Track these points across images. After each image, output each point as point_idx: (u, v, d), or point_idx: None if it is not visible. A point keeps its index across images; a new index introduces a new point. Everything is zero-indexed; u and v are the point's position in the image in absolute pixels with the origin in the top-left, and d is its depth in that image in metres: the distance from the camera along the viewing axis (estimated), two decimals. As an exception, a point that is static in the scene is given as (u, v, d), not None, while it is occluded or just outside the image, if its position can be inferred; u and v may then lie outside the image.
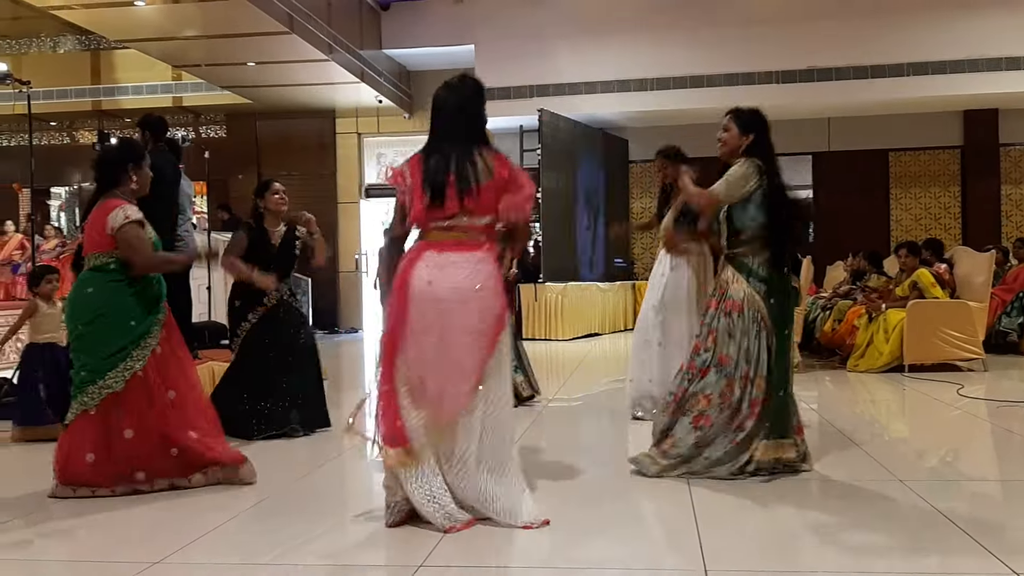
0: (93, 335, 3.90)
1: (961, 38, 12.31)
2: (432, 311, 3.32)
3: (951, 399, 6.44)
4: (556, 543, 3.20)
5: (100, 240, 3.97)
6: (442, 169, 3.38)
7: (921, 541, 3.22)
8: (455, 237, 3.39)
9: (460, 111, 3.49)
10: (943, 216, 14.23)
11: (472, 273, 3.36)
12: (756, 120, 4.12)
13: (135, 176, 4.09)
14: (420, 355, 3.34)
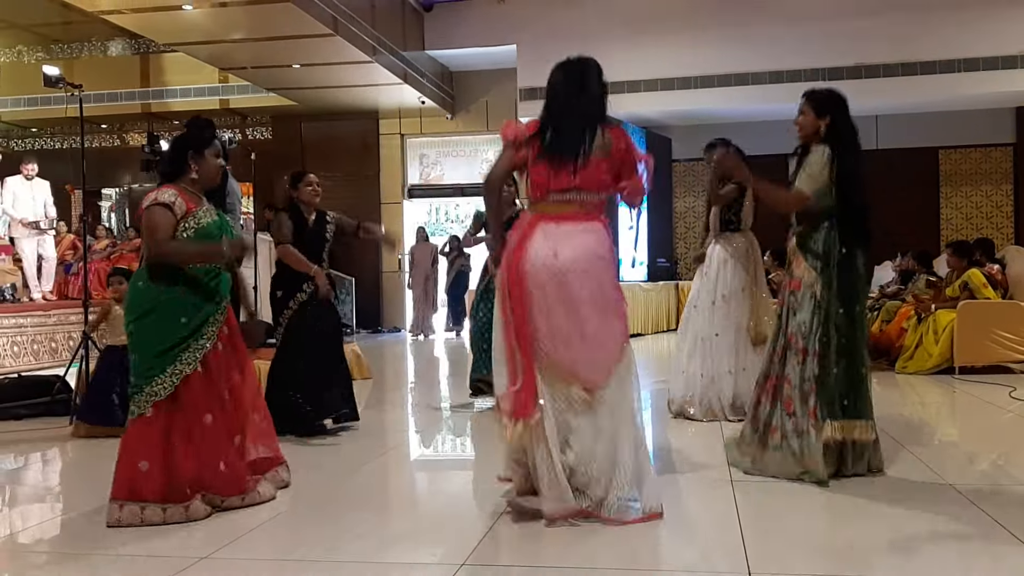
0: (141, 332, 3.60)
1: (1014, 33, 12.03)
2: (555, 282, 3.32)
3: (1003, 402, 6.30)
4: (595, 543, 3.19)
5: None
6: (563, 142, 3.40)
7: (970, 546, 3.16)
8: (572, 209, 3.41)
9: (581, 89, 3.52)
10: (995, 215, 13.93)
11: (596, 242, 3.39)
12: (832, 100, 4.08)
13: (195, 165, 3.74)
14: (551, 328, 3.33)
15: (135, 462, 3.49)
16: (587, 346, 3.33)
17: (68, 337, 9.39)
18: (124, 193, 17.24)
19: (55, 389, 6.51)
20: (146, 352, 3.57)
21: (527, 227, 3.43)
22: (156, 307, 3.59)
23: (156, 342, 3.56)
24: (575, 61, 3.61)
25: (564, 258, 3.33)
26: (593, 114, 3.49)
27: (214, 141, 3.86)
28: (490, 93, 15.15)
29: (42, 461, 5.27)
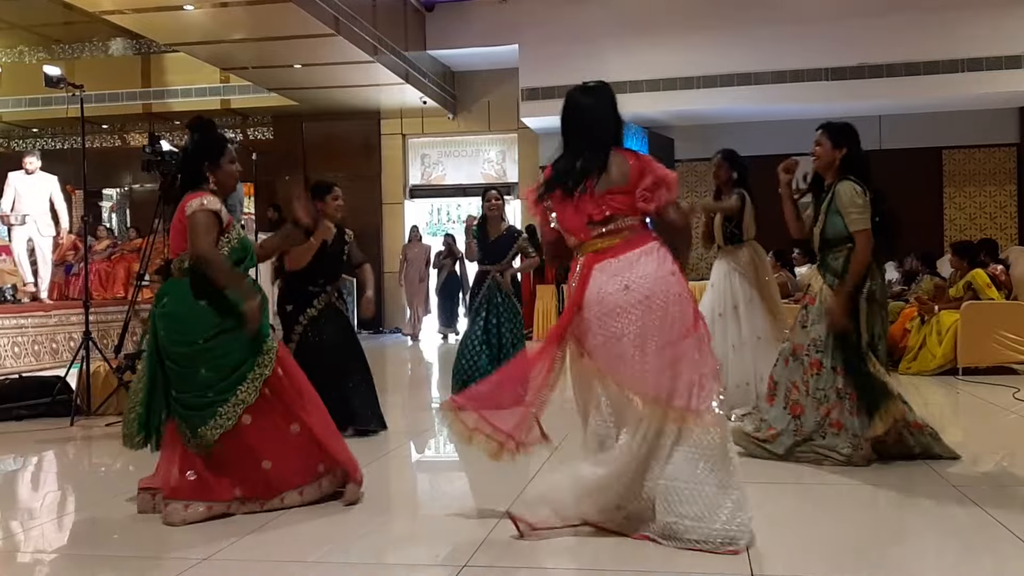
0: (216, 349, 3.54)
1: (1017, 33, 12.00)
2: (642, 311, 3.13)
3: (1007, 403, 6.28)
4: (597, 545, 3.17)
5: (181, 239, 3.66)
6: (581, 176, 3.26)
7: (974, 547, 3.15)
8: (623, 238, 3.25)
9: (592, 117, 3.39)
10: (999, 215, 13.90)
11: (661, 261, 3.21)
12: (847, 133, 4.41)
13: (212, 176, 3.73)
14: (642, 367, 3.13)
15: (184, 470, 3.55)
16: (684, 369, 3.12)
17: (69, 338, 9.38)
18: (125, 193, 17.24)
19: (56, 390, 6.49)
20: (224, 368, 3.54)
21: (585, 272, 3.25)
22: (231, 323, 3.56)
23: (235, 355, 3.57)
24: (585, 86, 3.48)
25: (639, 287, 3.15)
26: (603, 140, 3.34)
27: (227, 146, 3.83)
28: (492, 93, 15.13)
29: (42, 462, 5.25)
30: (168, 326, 3.59)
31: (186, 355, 3.55)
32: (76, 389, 6.40)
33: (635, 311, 3.14)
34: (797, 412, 4.33)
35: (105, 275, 12.50)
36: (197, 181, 3.72)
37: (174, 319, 3.59)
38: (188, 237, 3.58)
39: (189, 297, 3.58)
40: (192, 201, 3.61)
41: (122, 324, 6.96)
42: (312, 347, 5.20)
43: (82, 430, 5.95)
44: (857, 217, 4.22)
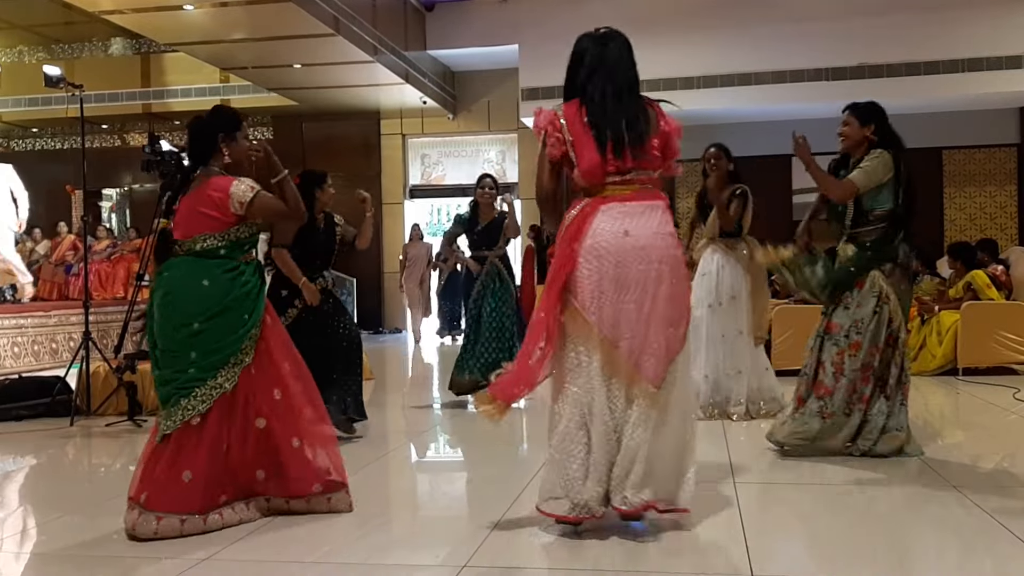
0: (213, 331, 3.42)
1: (1018, 33, 11.98)
2: (634, 261, 3.09)
3: (1007, 403, 6.28)
4: (598, 545, 3.16)
5: (208, 221, 3.47)
6: (615, 121, 3.20)
7: (974, 548, 3.15)
8: (634, 189, 3.20)
9: (619, 62, 3.33)
10: (999, 215, 13.89)
11: (663, 220, 3.19)
12: (874, 110, 4.42)
13: (226, 148, 3.58)
14: (616, 314, 3.09)
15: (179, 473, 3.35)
16: (656, 332, 3.10)
17: (69, 338, 9.38)
18: (125, 194, 17.24)
19: (56, 390, 6.49)
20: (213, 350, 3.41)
21: (587, 211, 3.18)
22: (232, 304, 3.46)
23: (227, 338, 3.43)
24: (606, 32, 3.43)
25: (637, 235, 3.11)
26: (636, 86, 3.30)
27: (242, 122, 3.69)
28: (492, 93, 15.13)
29: (41, 462, 5.24)
30: (166, 304, 3.46)
31: (181, 338, 3.42)
32: (76, 389, 6.40)
33: (630, 258, 3.10)
34: (821, 393, 4.39)
35: (105, 275, 12.51)
36: (209, 154, 3.58)
37: (174, 299, 3.45)
38: (271, 215, 3.58)
39: (193, 276, 3.45)
40: (237, 185, 3.47)
41: (122, 324, 6.94)
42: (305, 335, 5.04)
43: (82, 430, 5.95)
44: (860, 174, 4.26)
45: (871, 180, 4.25)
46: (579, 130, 3.23)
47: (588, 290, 3.12)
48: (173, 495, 3.32)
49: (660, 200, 3.23)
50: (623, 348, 3.10)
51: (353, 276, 14.00)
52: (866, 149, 4.37)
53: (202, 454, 3.38)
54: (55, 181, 15.86)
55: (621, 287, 3.10)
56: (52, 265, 13.37)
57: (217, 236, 3.48)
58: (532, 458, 4.72)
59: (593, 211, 3.17)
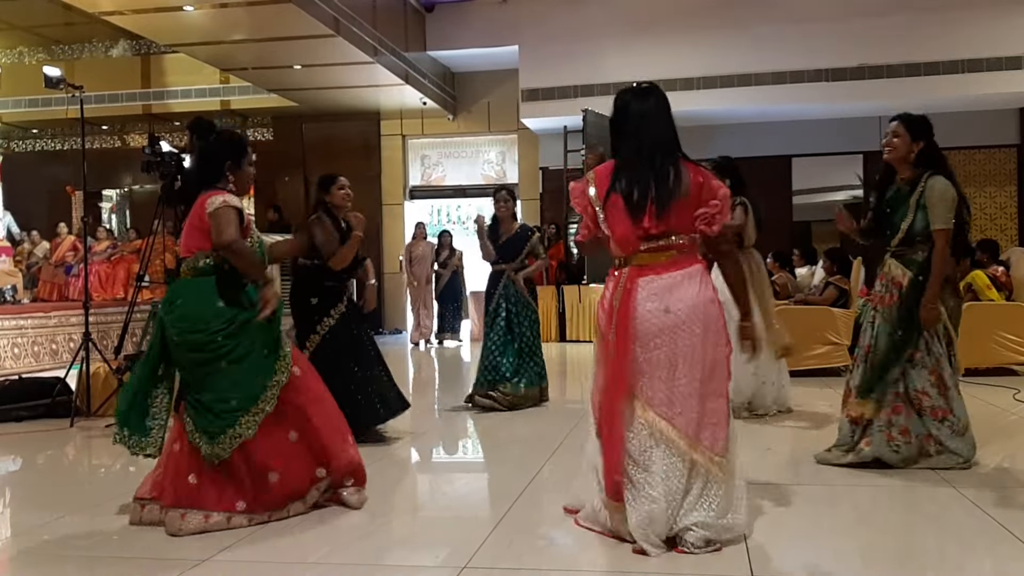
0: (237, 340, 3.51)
1: (1018, 34, 12.00)
2: (680, 336, 3.08)
3: (1007, 404, 6.28)
4: (598, 548, 3.16)
5: (197, 237, 3.58)
6: (643, 184, 3.14)
7: (974, 549, 3.15)
8: (670, 257, 3.16)
9: (656, 119, 3.25)
10: (999, 216, 13.89)
11: (702, 287, 3.14)
12: (926, 127, 4.31)
13: (232, 176, 3.68)
14: (670, 390, 3.08)
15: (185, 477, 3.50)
16: (708, 405, 3.09)
17: (69, 339, 9.38)
18: (125, 194, 17.25)
19: (56, 391, 6.49)
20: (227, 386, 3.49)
21: (628, 286, 3.16)
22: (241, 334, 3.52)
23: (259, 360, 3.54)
24: (643, 89, 3.34)
25: (678, 310, 3.09)
26: (669, 147, 3.21)
27: (248, 149, 3.79)
28: (492, 94, 15.14)
29: (41, 463, 5.24)
30: (184, 327, 3.51)
31: (206, 355, 3.48)
32: (76, 390, 6.40)
33: (669, 335, 3.08)
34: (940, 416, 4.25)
35: (105, 276, 12.52)
36: (215, 179, 3.66)
37: (191, 319, 3.51)
38: (212, 232, 3.50)
39: (204, 297, 3.52)
40: (214, 198, 3.54)
41: (122, 325, 6.95)
42: (342, 341, 5.14)
43: (82, 431, 5.94)
44: (944, 215, 4.16)
45: (951, 214, 4.18)
46: (614, 198, 3.20)
47: (641, 371, 3.11)
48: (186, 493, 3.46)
49: (696, 265, 3.19)
50: (679, 423, 3.07)
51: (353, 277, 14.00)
52: (912, 166, 4.30)
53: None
54: (55, 182, 15.91)
55: (670, 365, 3.09)
56: (52, 266, 13.38)
57: (207, 253, 3.57)
58: (532, 460, 4.72)
59: (633, 286, 3.15)
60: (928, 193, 4.19)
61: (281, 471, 3.54)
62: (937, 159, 4.30)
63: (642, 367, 3.11)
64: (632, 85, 3.40)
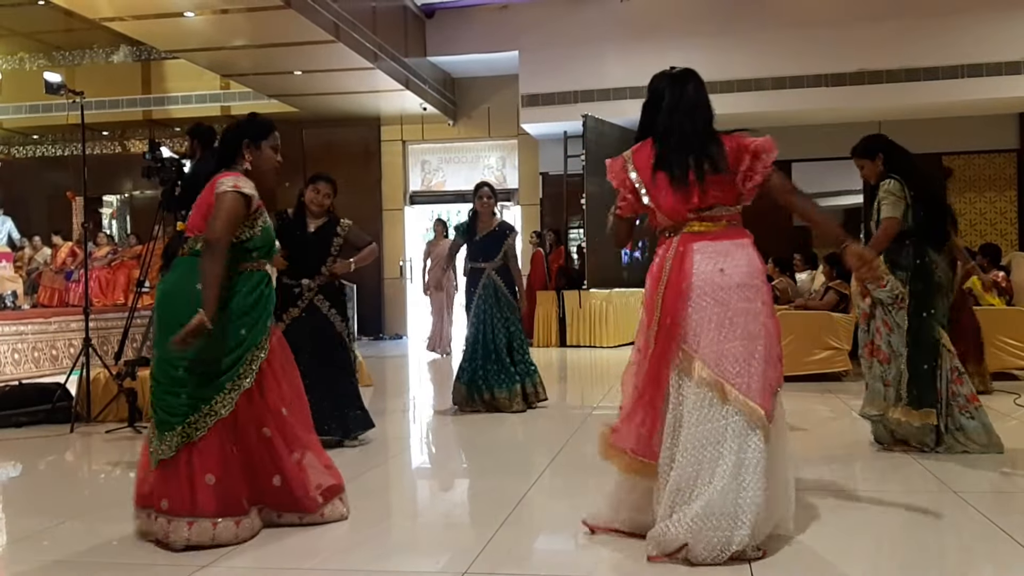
0: (206, 345, 3.26)
1: (1017, 39, 12.01)
2: (735, 300, 3.08)
3: (1008, 409, 6.27)
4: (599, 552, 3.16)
5: (204, 219, 3.37)
6: (686, 158, 3.20)
7: (976, 553, 3.15)
8: (721, 227, 3.21)
9: (698, 102, 3.35)
10: (999, 221, 13.90)
11: (753, 257, 3.19)
12: (874, 143, 4.88)
13: (249, 155, 3.49)
14: (721, 351, 3.06)
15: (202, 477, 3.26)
16: (761, 366, 3.07)
17: (69, 344, 9.38)
18: (125, 200, 17.26)
19: (56, 397, 6.48)
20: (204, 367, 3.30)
21: (681, 250, 3.16)
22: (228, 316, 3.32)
23: (217, 354, 3.30)
24: (684, 71, 3.44)
25: (732, 273, 3.11)
26: (707, 127, 3.30)
27: (274, 132, 3.61)
28: (492, 99, 15.16)
29: (41, 469, 5.24)
30: (162, 304, 3.39)
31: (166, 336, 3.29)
32: (76, 396, 6.40)
33: (726, 294, 3.09)
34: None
35: (105, 282, 12.51)
36: (231, 158, 3.50)
37: (169, 297, 3.38)
38: (217, 213, 3.31)
39: (189, 278, 3.32)
40: (225, 179, 3.37)
41: (122, 331, 6.94)
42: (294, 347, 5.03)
43: (82, 437, 5.94)
44: (886, 206, 4.63)
45: (899, 206, 4.63)
46: (651, 173, 3.25)
47: (693, 329, 3.10)
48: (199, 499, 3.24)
49: (747, 238, 3.25)
50: (737, 383, 3.04)
51: (354, 282, 13.99)
52: (881, 176, 4.79)
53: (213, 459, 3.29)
54: (56, 187, 15.92)
55: (722, 326, 3.08)
56: (52, 272, 13.38)
57: None
58: (532, 465, 4.72)
59: (687, 251, 3.16)
60: (879, 192, 4.72)
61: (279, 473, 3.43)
62: (897, 162, 4.79)
63: (695, 327, 3.10)
64: (667, 70, 3.47)
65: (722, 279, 3.10)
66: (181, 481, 3.25)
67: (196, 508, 3.23)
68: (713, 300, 3.09)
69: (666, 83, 3.38)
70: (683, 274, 3.12)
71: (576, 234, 14.45)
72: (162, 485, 3.29)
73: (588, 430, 5.83)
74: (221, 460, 3.30)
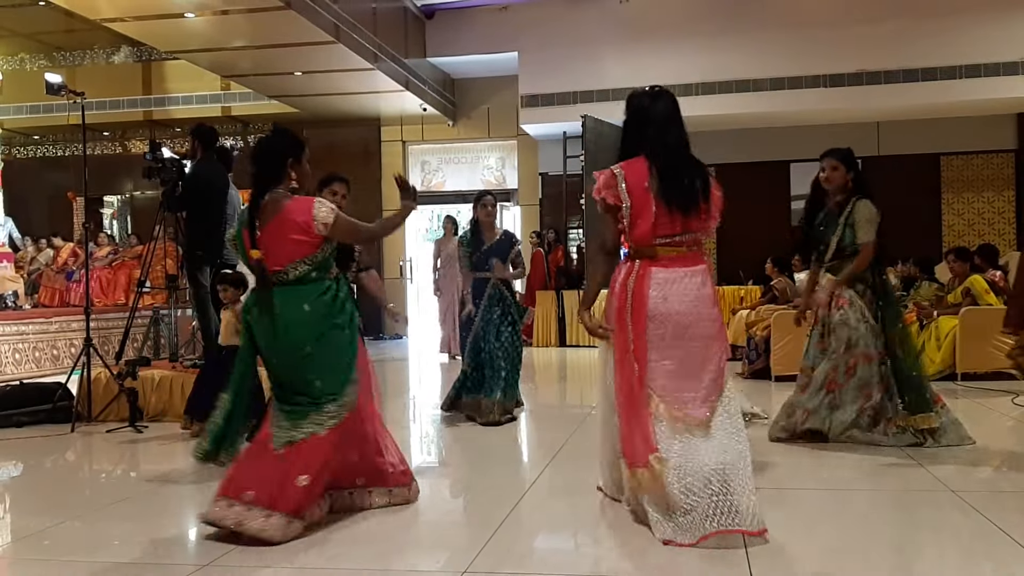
0: (327, 351, 3.56)
1: (1014, 39, 12.03)
2: (672, 325, 3.35)
3: (1006, 408, 6.30)
4: (597, 551, 3.18)
5: (298, 247, 3.54)
6: (682, 188, 3.37)
7: (973, 553, 3.17)
8: (680, 252, 3.42)
9: (675, 122, 3.46)
10: (997, 221, 13.92)
11: (702, 284, 3.41)
12: (854, 157, 5.05)
13: (294, 172, 3.68)
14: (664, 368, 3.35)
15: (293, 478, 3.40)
16: (700, 383, 3.36)
17: (70, 344, 9.41)
18: (126, 200, 17.28)
19: (57, 396, 6.51)
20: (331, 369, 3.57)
21: (641, 273, 3.40)
22: (329, 327, 3.60)
23: (341, 358, 3.61)
24: (664, 92, 3.52)
25: (675, 301, 3.36)
26: (688, 150, 3.47)
27: (307, 148, 3.80)
28: (492, 100, 15.18)
29: (43, 468, 5.26)
30: (278, 334, 3.55)
31: (296, 362, 3.54)
32: (77, 395, 6.42)
33: (667, 323, 3.34)
34: (832, 388, 4.93)
35: (106, 282, 12.53)
36: (277, 177, 3.63)
37: (284, 328, 3.54)
38: (346, 235, 3.71)
39: (295, 304, 3.54)
40: (318, 208, 3.56)
41: (123, 331, 6.97)
42: None
43: (83, 436, 5.96)
44: (867, 230, 4.84)
45: (874, 230, 4.85)
46: (640, 194, 3.38)
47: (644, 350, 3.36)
48: (288, 496, 3.37)
49: (701, 264, 3.46)
50: (669, 401, 3.32)
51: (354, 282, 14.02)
52: (845, 192, 4.96)
53: (319, 460, 3.47)
54: (57, 188, 15.93)
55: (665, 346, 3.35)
56: (53, 272, 13.41)
57: (307, 261, 3.55)
58: (530, 465, 4.74)
59: (646, 274, 3.39)
60: (855, 214, 4.87)
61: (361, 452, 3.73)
62: (864, 183, 5.00)
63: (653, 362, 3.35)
64: (644, 88, 3.56)
65: (665, 306, 3.35)
66: (275, 475, 3.39)
67: (278, 503, 3.33)
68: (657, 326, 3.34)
69: (647, 101, 3.49)
70: (641, 302, 3.36)
71: (575, 234, 14.48)
72: (253, 474, 3.42)
73: (587, 429, 5.85)
74: (322, 463, 3.47)
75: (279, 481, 3.36)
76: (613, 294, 3.48)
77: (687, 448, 3.25)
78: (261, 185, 3.60)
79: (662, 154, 3.39)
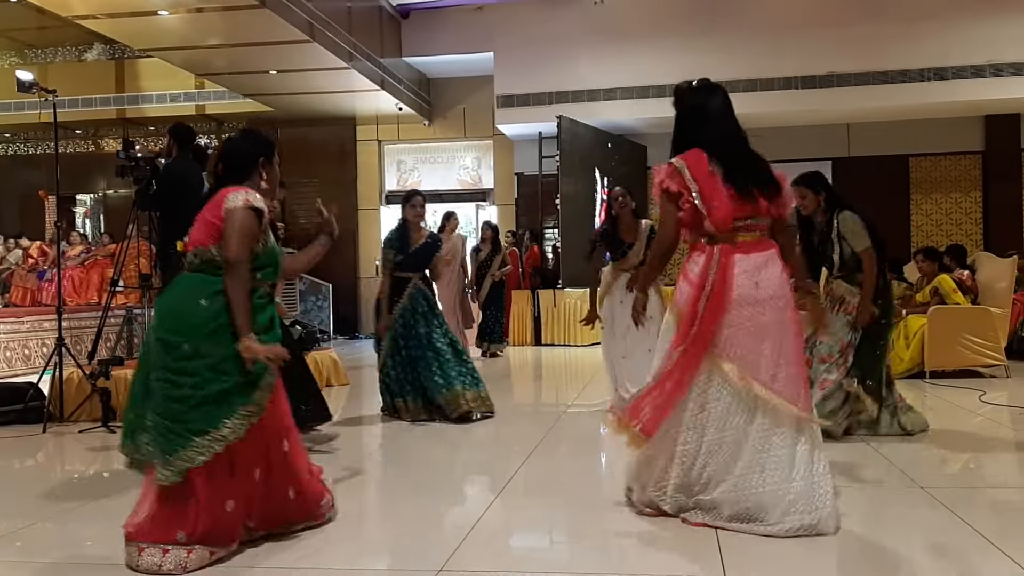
0: (206, 359, 3.10)
1: (983, 43, 12.22)
2: (768, 311, 3.36)
3: (973, 405, 6.39)
4: (575, 548, 3.21)
5: (211, 230, 3.21)
6: (743, 168, 3.45)
7: (943, 548, 3.21)
8: (756, 237, 3.47)
9: (729, 113, 3.56)
10: (964, 222, 14.12)
11: (782, 268, 3.45)
12: (821, 178, 5.25)
13: (266, 172, 3.44)
14: (755, 357, 3.35)
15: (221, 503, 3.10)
16: (794, 372, 3.38)
17: (42, 344, 9.31)
18: (99, 199, 17.12)
19: (28, 396, 6.44)
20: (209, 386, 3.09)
21: (724, 261, 3.40)
22: (222, 328, 3.13)
23: (226, 373, 3.12)
24: (717, 86, 3.65)
25: (766, 286, 3.38)
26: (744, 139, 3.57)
27: (275, 148, 3.58)
28: (467, 100, 15.19)
29: (13, 469, 5.21)
30: (164, 322, 3.17)
31: (175, 363, 3.10)
32: (48, 396, 6.36)
33: (761, 308, 3.37)
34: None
35: (79, 281, 12.41)
36: (246, 176, 3.38)
37: (171, 315, 3.18)
38: (224, 235, 3.16)
39: (190, 295, 3.17)
40: (235, 194, 3.21)
41: (96, 330, 6.92)
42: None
43: (54, 437, 5.91)
44: (859, 239, 5.00)
45: (867, 237, 5.00)
46: (707, 180, 3.43)
47: (727, 337, 3.37)
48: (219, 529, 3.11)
49: (774, 248, 3.51)
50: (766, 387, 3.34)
51: (329, 282, 13.98)
52: (824, 211, 5.14)
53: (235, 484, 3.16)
54: (28, 186, 15.75)
55: (757, 334, 3.36)
56: (24, 271, 13.26)
57: (216, 248, 3.18)
58: (507, 464, 4.76)
59: (729, 263, 3.41)
60: (842, 227, 5.04)
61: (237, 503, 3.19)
62: (839, 198, 5.17)
63: (730, 335, 3.36)
64: (692, 83, 3.73)
65: (757, 292, 3.37)
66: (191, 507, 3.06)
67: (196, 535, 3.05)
68: (751, 311, 3.36)
69: (701, 96, 3.62)
70: (726, 287, 3.37)
71: (551, 234, 14.52)
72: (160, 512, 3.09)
73: (562, 428, 5.89)
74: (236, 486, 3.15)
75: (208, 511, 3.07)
76: (687, 280, 3.47)
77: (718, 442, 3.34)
78: (222, 179, 3.39)
79: (724, 145, 3.47)
